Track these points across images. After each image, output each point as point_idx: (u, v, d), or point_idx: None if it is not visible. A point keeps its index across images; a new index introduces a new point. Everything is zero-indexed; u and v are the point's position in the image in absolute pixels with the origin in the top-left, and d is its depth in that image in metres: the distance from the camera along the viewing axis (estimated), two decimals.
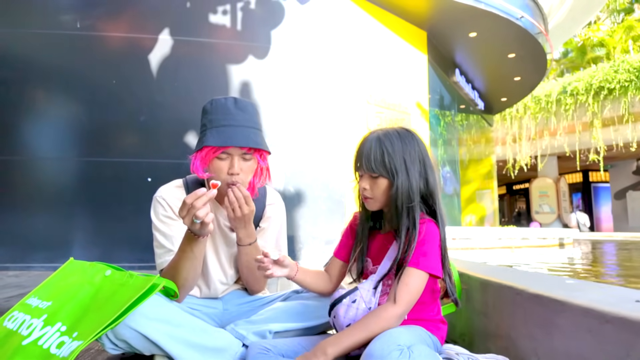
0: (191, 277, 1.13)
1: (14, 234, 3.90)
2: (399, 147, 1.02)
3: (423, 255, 0.97)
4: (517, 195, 20.23)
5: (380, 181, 1.03)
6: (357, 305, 1.00)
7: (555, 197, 15.21)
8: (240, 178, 1.16)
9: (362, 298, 1.01)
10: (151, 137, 4.21)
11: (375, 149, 1.03)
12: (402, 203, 1.00)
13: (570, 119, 12.59)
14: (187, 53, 4.32)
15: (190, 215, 0.97)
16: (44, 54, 4.16)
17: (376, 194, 1.04)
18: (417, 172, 1.02)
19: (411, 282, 0.96)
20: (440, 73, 7.61)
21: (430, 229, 1.01)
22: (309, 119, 4.57)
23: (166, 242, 1.18)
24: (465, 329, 1.33)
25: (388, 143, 1.02)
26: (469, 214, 10.20)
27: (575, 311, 0.81)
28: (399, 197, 1.00)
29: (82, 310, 0.91)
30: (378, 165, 1.01)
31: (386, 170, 1.01)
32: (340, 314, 1.00)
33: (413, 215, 1.00)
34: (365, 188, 1.05)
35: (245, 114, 1.17)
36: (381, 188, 1.03)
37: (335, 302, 1.03)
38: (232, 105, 1.16)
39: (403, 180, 1.00)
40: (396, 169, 1.01)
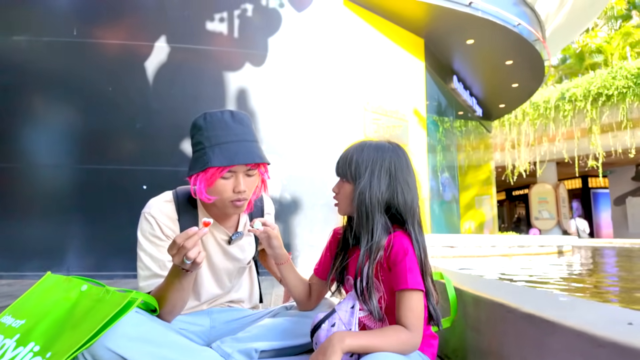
0: (179, 306, 1.09)
1: (8, 241, 3.87)
2: (369, 155, 1.01)
3: (409, 271, 0.94)
4: (516, 201, 20.23)
5: (346, 185, 1.03)
6: (336, 328, 0.96)
7: (555, 203, 15.20)
8: (246, 195, 1.12)
9: (340, 320, 0.98)
10: (147, 145, 4.19)
11: (348, 153, 1.04)
12: (362, 212, 0.98)
13: (569, 125, 12.62)
14: (183, 60, 4.32)
15: (180, 255, 0.92)
16: (40, 61, 4.15)
17: (340, 197, 1.05)
18: (383, 182, 0.99)
19: (414, 305, 0.93)
20: (437, 80, 7.63)
21: (402, 241, 0.97)
22: (306, 126, 4.56)
23: (152, 264, 1.13)
24: (458, 345, 1.30)
25: (360, 150, 1.02)
26: (468, 220, 10.18)
27: (567, 333, 0.79)
28: (359, 203, 0.99)
29: (56, 328, 0.88)
30: (345, 168, 1.02)
31: (351, 175, 1.01)
32: (321, 340, 0.97)
33: (373, 226, 0.97)
34: (335, 191, 1.07)
35: (244, 126, 1.13)
36: (345, 192, 1.03)
37: (314, 329, 1.00)
38: (229, 119, 1.11)
39: (363, 186, 0.98)
40: (359, 173, 1.00)
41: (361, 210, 0.98)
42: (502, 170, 14.73)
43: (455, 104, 9.03)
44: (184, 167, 1.23)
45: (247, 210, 1.27)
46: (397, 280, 0.95)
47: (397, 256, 0.96)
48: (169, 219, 1.17)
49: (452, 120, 9.13)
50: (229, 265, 1.26)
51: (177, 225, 1.19)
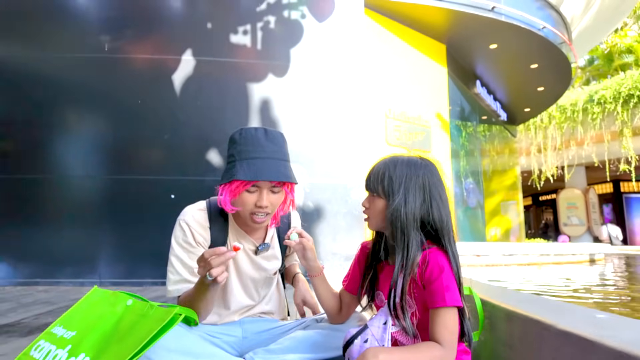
0: (203, 314, 1.15)
1: (44, 250, 4.03)
2: (402, 171, 1.01)
3: (447, 289, 0.94)
4: (543, 206, 19.64)
5: (377, 200, 1.03)
6: (369, 344, 0.97)
7: (585, 209, 14.68)
8: (267, 210, 1.16)
9: (373, 336, 0.98)
10: (174, 155, 4.31)
11: (379, 169, 1.04)
12: (396, 228, 0.98)
13: (598, 128, 12.20)
14: (209, 73, 4.43)
15: (204, 269, 0.97)
16: (73, 76, 4.34)
17: (372, 213, 1.05)
18: (417, 198, 0.99)
19: (449, 323, 0.93)
20: (460, 85, 7.54)
21: (438, 258, 0.97)
22: (328, 134, 4.59)
23: (182, 269, 1.18)
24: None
25: (392, 165, 1.03)
26: (493, 227, 9.95)
27: (607, 353, 0.77)
28: (393, 220, 0.99)
29: (104, 341, 0.93)
30: (377, 184, 1.03)
31: (383, 190, 1.01)
32: (353, 356, 0.98)
33: (408, 242, 0.97)
34: (365, 206, 1.07)
35: (275, 145, 1.16)
36: (377, 207, 1.03)
37: (347, 344, 1.01)
38: (262, 136, 1.15)
39: (398, 203, 0.98)
40: (392, 190, 1.00)
41: (396, 226, 0.99)
42: (528, 175, 14.35)
43: (478, 109, 8.89)
44: (210, 177, 1.28)
45: (274, 224, 1.31)
46: (433, 297, 0.95)
47: (432, 274, 0.96)
48: (201, 227, 1.23)
49: (476, 125, 8.98)
50: (256, 274, 1.30)
51: (209, 233, 1.24)
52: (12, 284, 3.88)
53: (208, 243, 1.23)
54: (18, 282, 3.91)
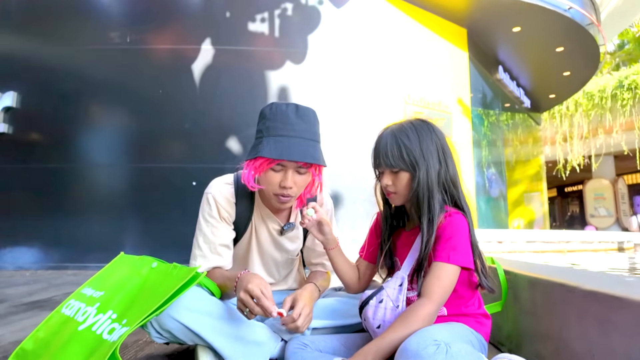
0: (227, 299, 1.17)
1: (72, 236, 4.18)
2: (415, 139, 1.01)
3: (453, 249, 0.94)
4: (569, 197, 19.05)
5: (402, 175, 1.02)
6: (384, 305, 0.98)
7: (613, 200, 14.17)
8: (292, 192, 1.12)
9: (388, 297, 0.99)
10: (195, 144, 4.38)
11: (392, 144, 1.02)
12: (423, 195, 0.99)
13: (628, 115, 11.71)
14: (227, 61, 4.47)
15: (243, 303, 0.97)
16: (97, 69, 4.46)
17: (399, 188, 1.03)
18: (436, 161, 1.01)
19: (442, 276, 0.93)
20: (482, 71, 7.36)
21: (458, 220, 0.97)
22: (347, 121, 4.57)
23: (204, 245, 1.18)
24: (512, 330, 1.26)
25: (404, 136, 1.01)
26: (516, 218, 9.73)
27: (636, 308, 0.75)
28: (420, 190, 0.99)
29: (130, 299, 0.96)
30: (397, 160, 1.01)
31: (406, 164, 1.00)
32: (369, 316, 0.99)
33: (433, 206, 0.98)
34: (388, 184, 1.04)
35: (306, 123, 1.11)
36: (403, 182, 1.02)
37: (362, 305, 1.02)
38: (292, 114, 1.09)
39: (424, 172, 0.99)
40: (416, 161, 1.00)
41: (423, 194, 0.99)
42: (553, 165, 13.92)
43: (501, 96, 8.66)
44: (230, 164, 1.28)
45: (299, 206, 1.28)
46: (438, 253, 0.95)
47: (444, 232, 0.96)
48: (227, 202, 1.22)
49: (498, 112, 8.75)
50: (278, 255, 1.30)
51: (234, 208, 1.23)
52: (44, 268, 4.04)
53: (233, 219, 1.23)
54: (49, 267, 4.07)
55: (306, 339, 1.06)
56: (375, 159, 1.07)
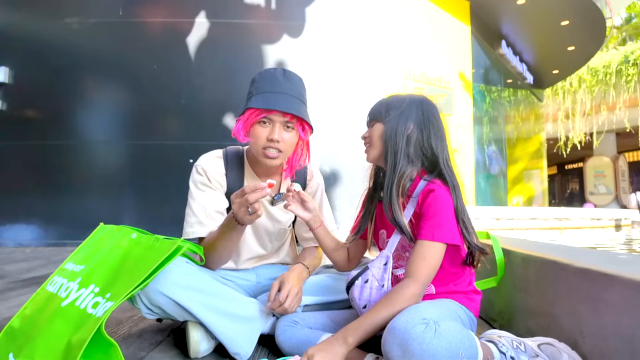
0: (225, 256, 1.15)
1: (71, 213, 4.19)
2: (401, 101, 1.03)
3: (438, 226, 0.92)
4: (569, 175, 19.05)
5: (376, 126, 1.05)
6: (369, 284, 0.97)
7: (613, 177, 14.16)
8: (280, 146, 1.13)
9: (373, 276, 0.98)
10: (192, 120, 4.33)
11: (379, 101, 1.07)
12: (390, 145, 0.99)
13: (632, 91, 11.54)
14: (223, 35, 4.35)
15: (242, 205, 0.96)
16: (90, 42, 4.35)
17: (372, 140, 1.05)
18: (412, 121, 1.00)
19: (428, 255, 0.91)
20: (485, 45, 7.19)
21: (442, 195, 0.94)
22: (346, 97, 4.49)
23: (200, 211, 1.17)
24: (504, 307, 1.27)
25: (393, 98, 1.05)
26: (515, 195, 9.74)
27: (627, 286, 0.74)
28: (387, 138, 1.00)
29: (112, 272, 0.95)
30: (375, 112, 1.05)
31: (381, 116, 1.03)
32: (355, 296, 0.98)
33: (399, 160, 0.97)
34: (365, 137, 1.08)
35: (292, 84, 1.16)
36: (376, 133, 1.04)
37: (349, 285, 1.02)
38: (280, 75, 1.16)
39: (393, 125, 1.00)
40: (388, 113, 1.02)
41: (389, 145, 0.99)
42: (554, 143, 13.84)
43: (503, 72, 8.50)
44: (227, 142, 1.25)
45: (289, 176, 1.29)
46: (423, 230, 0.93)
47: (429, 208, 0.94)
48: (218, 173, 1.23)
49: (500, 89, 8.62)
50: (270, 225, 1.29)
51: (225, 179, 1.24)
52: (43, 245, 4.07)
53: (224, 189, 1.23)
54: (49, 243, 4.09)
55: (296, 316, 1.07)
56: None
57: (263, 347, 1.13)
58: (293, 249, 1.45)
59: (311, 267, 1.25)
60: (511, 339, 0.93)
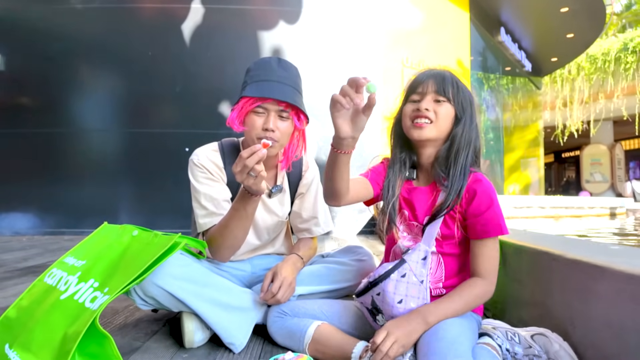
0: (241, 236, 1.10)
1: (68, 201, 4.18)
2: (467, 91, 0.99)
3: (501, 217, 0.93)
4: (566, 163, 19.11)
5: (446, 107, 0.97)
6: (407, 279, 0.94)
7: (609, 165, 14.21)
8: (275, 136, 1.12)
9: (412, 271, 0.95)
10: (187, 108, 4.29)
11: (450, 78, 0.98)
12: (462, 143, 0.95)
13: (631, 79, 11.50)
14: (218, 21, 4.29)
15: (244, 172, 0.92)
16: (84, 29, 4.28)
17: (439, 119, 0.96)
18: (475, 119, 0.99)
19: (494, 252, 0.95)
20: (483, 32, 7.13)
21: (487, 186, 0.95)
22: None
23: (207, 203, 1.15)
24: (498, 297, 1.27)
25: (459, 81, 0.99)
26: (512, 183, 9.78)
27: (617, 277, 0.75)
28: (464, 135, 0.95)
29: (112, 267, 0.96)
30: (448, 90, 0.96)
31: (457, 102, 0.97)
32: (388, 290, 0.94)
33: (466, 159, 0.95)
34: (428, 109, 0.95)
35: (287, 73, 1.15)
36: (445, 114, 0.96)
37: (380, 278, 0.96)
38: (275, 63, 1.15)
39: (469, 122, 0.97)
40: (465, 107, 0.97)
41: (459, 145, 0.96)
42: (552, 131, 13.83)
43: (502, 59, 8.44)
44: (223, 130, 1.24)
45: (284, 168, 1.28)
46: (486, 227, 0.93)
47: (482, 203, 0.94)
48: (216, 166, 1.21)
49: (499, 76, 8.57)
50: (268, 218, 1.29)
51: (224, 172, 1.23)
52: (40, 234, 4.07)
53: (225, 182, 1.22)
54: (45, 232, 4.09)
55: (285, 306, 1.08)
56: (417, 82, 0.99)
57: (258, 337, 1.14)
58: (288, 239, 1.45)
59: (306, 258, 1.25)
60: (505, 330, 0.95)
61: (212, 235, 1.12)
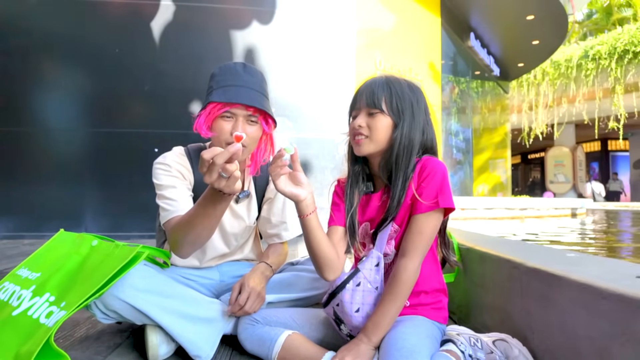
0: (205, 235, 1.00)
1: (28, 203, 3.98)
2: (408, 91, 0.97)
3: (440, 192, 0.91)
4: (532, 164, 19.89)
5: (380, 119, 0.95)
6: (362, 287, 0.95)
7: (571, 167, 14.89)
8: (244, 141, 1.08)
9: (365, 279, 0.96)
10: (156, 107, 4.18)
11: (382, 87, 0.96)
12: (403, 150, 0.94)
13: (591, 85, 12.10)
14: (189, 19, 4.20)
15: (212, 172, 0.80)
16: (47, 22, 4.09)
17: (374, 133, 0.95)
18: (422, 122, 0.97)
19: (424, 228, 0.91)
20: (454, 37, 7.30)
21: (438, 162, 0.94)
22: (316, 86, 4.46)
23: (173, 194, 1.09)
24: (463, 301, 1.31)
25: (397, 85, 0.97)
26: (481, 184, 10.08)
27: (572, 286, 0.78)
28: (402, 143, 0.94)
29: (69, 280, 0.91)
30: (381, 101, 0.94)
31: (390, 109, 0.95)
32: (346, 300, 0.94)
33: (408, 164, 0.94)
34: (362, 125, 0.96)
35: (254, 77, 1.13)
36: (380, 126, 0.95)
37: (337, 290, 0.97)
38: (240, 69, 1.13)
39: (408, 126, 0.95)
40: (403, 111, 0.95)
41: (400, 149, 0.94)
42: (518, 133, 14.37)
43: (472, 63, 8.69)
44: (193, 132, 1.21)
45: (253, 173, 1.26)
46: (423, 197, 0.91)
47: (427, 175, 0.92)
48: (184, 167, 1.18)
49: (469, 80, 8.81)
50: (235, 224, 1.27)
51: (192, 176, 1.19)
52: None
53: (192, 186, 1.18)
54: (3, 236, 3.89)
55: (257, 314, 1.06)
56: (355, 98, 0.99)
57: (226, 347, 1.12)
58: (257, 244, 1.43)
59: (275, 265, 1.24)
60: (469, 336, 0.97)
61: (174, 228, 1.02)
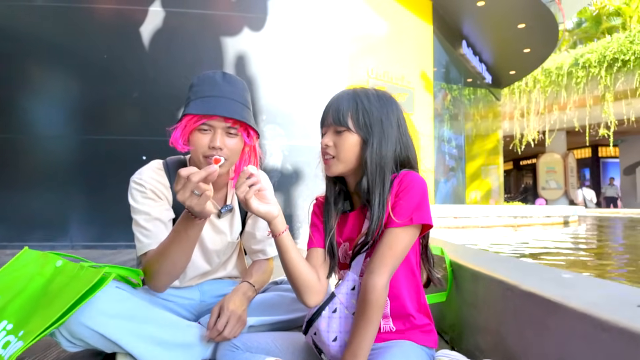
0: (181, 262, 1.00)
1: (11, 212, 3.88)
2: (377, 104, 0.90)
3: (416, 208, 0.84)
4: (524, 170, 20.02)
5: (347, 137, 0.89)
6: (338, 314, 0.89)
7: (563, 173, 14.99)
8: (224, 154, 1.04)
9: (342, 304, 0.90)
10: (145, 114, 4.11)
11: (348, 102, 0.90)
12: (375, 167, 0.87)
13: (581, 92, 12.22)
14: (179, 25, 4.15)
15: (186, 190, 0.82)
16: (35, 28, 4.01)
17: (341, 153, 0.89)
18: (394, 136, 0.90)
19: (395, 242, 0.83)
20: (446, 45, 7.33)
21: (416, 176, 0.88)
22: (307, 94, 4.42)
23: (147, 224, 1.05)
24: (455, 320, 1.26)
25: (364, 98, 0.90)
26: (473, 190, 10.09)
27: (569, 314, 0.73)
28: (373, 160, 0.87)
29: (30, 305, 0.84)
30: (346, 118, 0.88)
31: (357, 126, 0.88)
32: (322, 329, 0.89)
33: (384, 181, 0.87)
34: (329, 145, 0.90)
35: (233, 87, 1.07)
36: (347, 145, 0.89)
37: (313, 318, 0.91)
38: (219, 78, 1.07)
39: (378, 142, 0.87)
40: (371, 127, 0.88)
41: (374, 167, 0.87)
42: (510, 140, 14.47)
43: (464, 71, 8.73)
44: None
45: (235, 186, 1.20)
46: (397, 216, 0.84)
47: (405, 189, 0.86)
48: (161, 185, 1.12)
49: (461, 88, 8.85)
50: (217, 240, 1.21)
51: (170, 192, 1.14)
52: None
53: (171, 203, 1.13)
54: None
55: (238, 340, 1.00)
56: (323, 115, 0.93)
57: None
58: (241, 260, 1.36)
59: (258, 284, 1.18)
60: None
61: (149, 261, 1.01)
